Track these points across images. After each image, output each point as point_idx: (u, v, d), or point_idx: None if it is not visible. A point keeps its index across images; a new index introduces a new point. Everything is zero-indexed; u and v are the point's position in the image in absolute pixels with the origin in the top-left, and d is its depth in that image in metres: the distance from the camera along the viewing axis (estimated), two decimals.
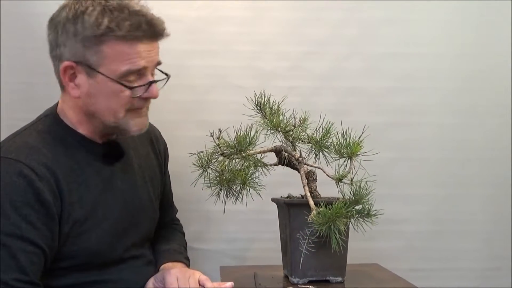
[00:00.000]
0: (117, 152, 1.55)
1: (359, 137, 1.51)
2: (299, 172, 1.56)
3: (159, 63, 1.49)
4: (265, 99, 1.58)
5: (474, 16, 2.03)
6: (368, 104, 2.03)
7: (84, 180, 1.46)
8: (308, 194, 1.50)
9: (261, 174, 1.54)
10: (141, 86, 1.45)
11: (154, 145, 1.71)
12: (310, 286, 1.54)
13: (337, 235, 1.39)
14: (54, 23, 1.44)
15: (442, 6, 2.02)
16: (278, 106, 1.58)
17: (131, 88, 1.43)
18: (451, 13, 2.03)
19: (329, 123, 1.55)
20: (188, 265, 1.65)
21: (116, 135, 1.54)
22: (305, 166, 1.56)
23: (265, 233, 1.96)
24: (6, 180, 1.35)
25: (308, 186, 1.55)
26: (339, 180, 1.48)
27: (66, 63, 1.42)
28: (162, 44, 1.93)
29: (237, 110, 1.57)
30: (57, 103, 1.53)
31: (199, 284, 1.48)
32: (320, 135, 1.55)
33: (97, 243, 1.46)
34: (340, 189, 1.48)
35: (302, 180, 1.53)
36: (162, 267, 1.60)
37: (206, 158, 1.51)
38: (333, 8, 2.01)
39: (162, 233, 1.72)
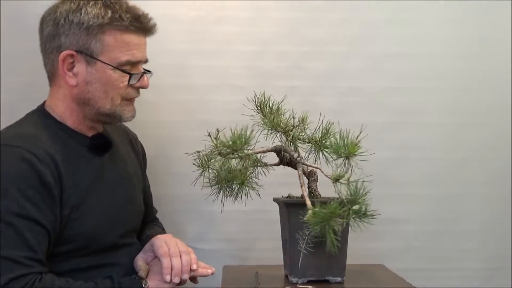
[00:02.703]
0: (106, 143, 1.59)
1: (357, 137, 1.50)
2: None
3: (147, 61, 1.58)
4: (265, 99, 1.58)
5: (474, 16, 2.03)
6: (368, 104, 2.03)
7: (77, 169, 1.50)
8: (305, 193, 1.49)
9: (261, 174, 1.54)
10: (136, 74, 1.53)
11: (134, 145, 1.77)
12: (309, 286, 1.54)
13: (332, 235, 1.38)
14: (53, 17, 1.51)
15: (442, 6, 2.02)
16: (278, 106, 1.58)
17: (130, 74, 1.51)
18: (451, 13, 2.03)
19: (329, 123, 1.55)
20: None
21: (105, 124, 1.61)
22: (303, 166, 1.56)
23: (266, 233, 1.95)
24: (8, 166, 1.39)
25: (308, 186, 1.55)
26: (336, 180, 1.48)
27: (66, 52, 1.49)
28: (162, 44, 1.94)
29: (237, 110, 1.57)
30: (43, 103, 1.59)
31: None
32: (320, 135, 1.55)
33: (93, 227, 1.50)
34: (337, 189, 1.47)
35: (300, 180, 1.53)
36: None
37: (205, 158, 1.50)
38: (333, 8, 2.01)
39: (143, 227, 1.76)
